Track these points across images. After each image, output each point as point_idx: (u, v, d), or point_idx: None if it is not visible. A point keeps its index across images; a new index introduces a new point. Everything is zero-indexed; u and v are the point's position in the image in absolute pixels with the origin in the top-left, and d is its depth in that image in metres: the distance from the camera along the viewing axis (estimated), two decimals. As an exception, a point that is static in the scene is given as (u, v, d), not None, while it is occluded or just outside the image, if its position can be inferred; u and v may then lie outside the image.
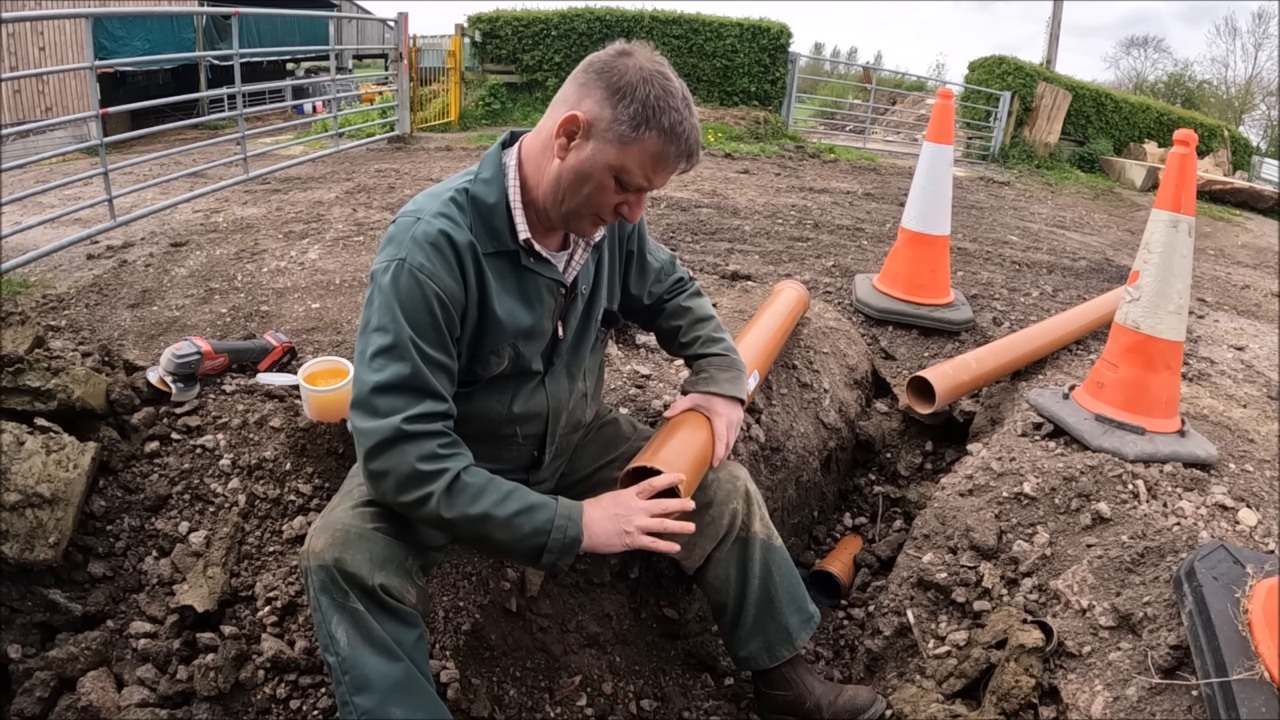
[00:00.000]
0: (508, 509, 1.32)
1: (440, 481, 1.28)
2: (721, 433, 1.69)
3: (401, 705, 1.31)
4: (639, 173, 1.31)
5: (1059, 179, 10.72)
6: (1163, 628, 1.55)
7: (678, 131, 1.29)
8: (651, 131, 1.28)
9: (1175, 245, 2.20)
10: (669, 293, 1.83)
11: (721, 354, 1.78)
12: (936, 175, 3.49)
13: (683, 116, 1.29)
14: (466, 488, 1.30)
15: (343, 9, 17.36)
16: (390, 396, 1.29)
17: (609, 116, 1.28)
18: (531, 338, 1.48)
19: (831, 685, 1.78)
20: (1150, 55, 41.85)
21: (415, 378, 1.30)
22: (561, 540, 1.35)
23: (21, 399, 1.72)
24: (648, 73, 1.28)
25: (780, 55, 11.10)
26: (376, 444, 1.28)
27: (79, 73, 9.66)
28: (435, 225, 1.33)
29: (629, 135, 1.28)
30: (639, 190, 1.36)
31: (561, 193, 1.35)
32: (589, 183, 1.32)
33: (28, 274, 3.28)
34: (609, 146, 1.29)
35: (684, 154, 1.32)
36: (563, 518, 1.36)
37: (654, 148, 1.29)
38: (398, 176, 5.64)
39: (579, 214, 1.38)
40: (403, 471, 1.28)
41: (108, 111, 4.04)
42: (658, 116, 1.27)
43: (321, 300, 2.95)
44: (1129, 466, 2.07)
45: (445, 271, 1.33)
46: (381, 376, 1.29)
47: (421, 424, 1.29)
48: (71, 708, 1.50)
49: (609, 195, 1.34)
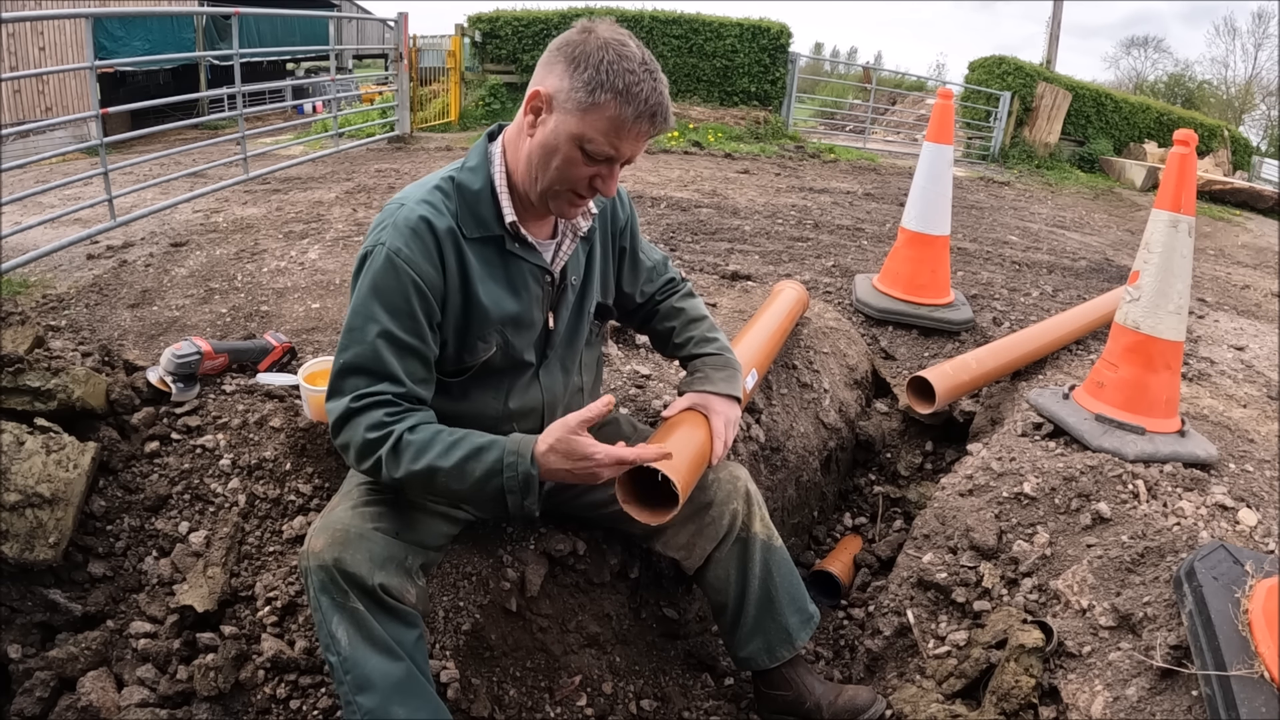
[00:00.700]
0: (453, 458, 1.32)
1: (386, 445, 1.32)
2: (720, 431, 1.67)
3: (404, 705, 1.31)
4: (602, 140, 1.31)
5: (1059, 179, 10.71)
6: (1163, 628, 1.55)
7: (634, 92, 1.29)
8: (606, 94, 1.28)
9: (1175, 245, 2.20)
10: (661, 293, 1.82)
11: (716, 353, 1.77)
12: (936, 175, 3.49)
13: (639, 79, 1.29)
14: (409, 445, 1.33)
15: (343, 9, 17.35)
16: (352, 377, 1.35)
17: (567, 86, 1.30)
18: (520, 326, 1.49)
19: (831, 685, 1.78)
20: (1150, 55, 41.86)
21: (374, 361, 1.34)
22: (515, 477, 1.33)
23: (21, 399, 1.72)
24: (604, 40, 1.30)
25: (780, 55, 11.10)
26: (335, 421, 1.36)
27: (79, 73, 9.65)
28: (416, 211, 1.36)
29: (585, 101, 1.29)
30: (607, 160, 1.35)
31: (534, 170, 1.37)
32: (556, 155, 1.33)
33: (28, 274, 3.28)
34: (569, 116, 1.31)
35: (644, 115, 1.31)
36: (510, 454, 1.34)
37: (612, 111, 1.29)
38: (398, 176, 5.64)
39: (555, 191, 1.38)
40: (357, 442, 1.33)
41: (108, 111, 4.03)
42: (612, 79, 1.28)
43: (321, 300, 2.95)
44: (1129, 466, 2.07)
45: (423, 257, 1.35)
46: (345, 358, 1.36)
47: (369, 398, 1.34)
48: (71, 708, 1.50)
49: (578, 167, 1.34)
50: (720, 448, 1.67)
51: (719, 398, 1.70)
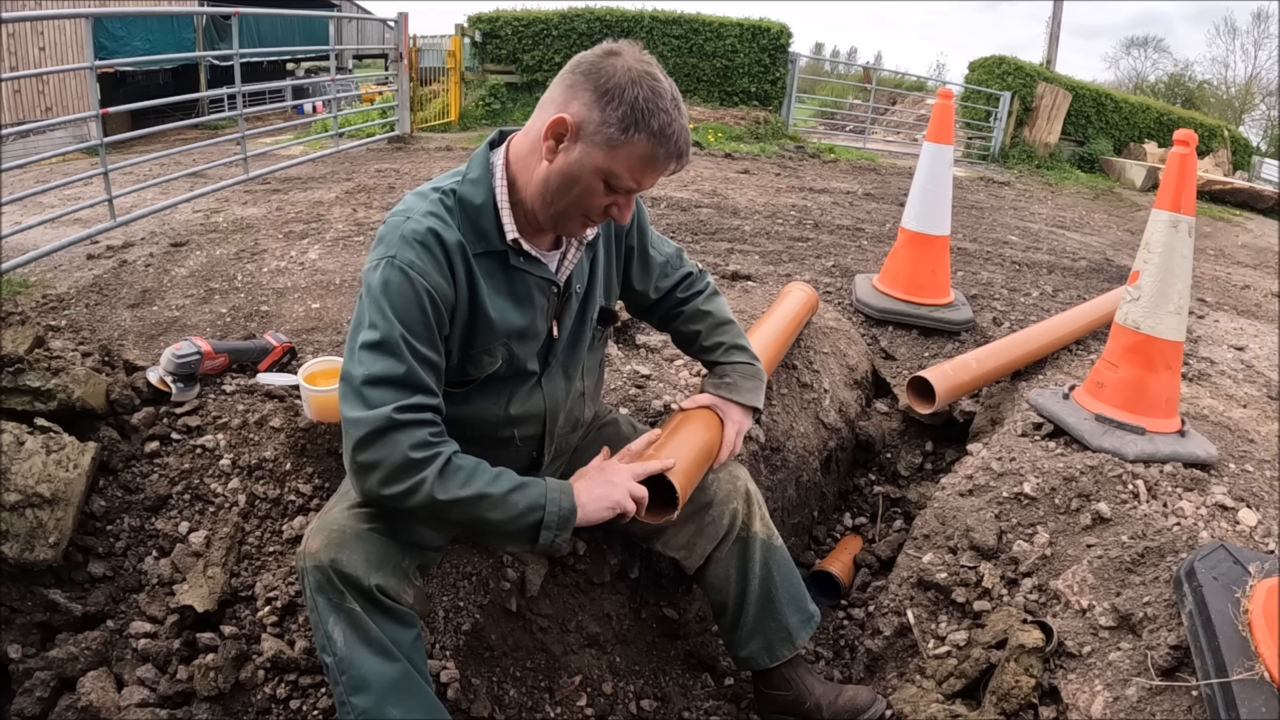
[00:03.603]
0: (501, 486, 1.32)
1: (433, 466, 1.27)
2: (730, 439, 1.70)
3: (399, 705, 1.30)
4: (628, 175, 1.31)
5: (1059, 179, 10.71)
6: (1163, 628, 1.55)
7: (667, 134, 1.28)
8: (640, 134, 1.27)
9: (1175, 245, 2.20)
10: (682, 290, 1.80)
11: (747, 363, 1.78)
12: (936, 175, 3.48)
13: (672, 118, 1.28)
14: (460, 470, 1.30)
15: (343, 9, 17.35)
16: (381, 389, 1.27)
17: (597, 119, 1.27)
18: (525, 338, 1.48)
19: (831, 685, 1.78)
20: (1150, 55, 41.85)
21: (407, 375, 1.29)
22: (558, 514, 1.34)
23: (21, 399, 1.72)
24: (636, 74, 1.27)
25: (780, 55, 11.10)
26: (367, 434, 1.25)
27: (79, 73, 9.64)
28: (424, 224, 1.34)
29: (618, 138, 1.27)
30: (628, 192, 1.35)
31: (550, 195, 1.35)
32: (577, 185, 1.32)
33: (28, 274, 3.28)
34: (597, 150, 1.28)
35: (673, 155, 1.31)
36: (555, 491, 1.36)
37: (643, 150, 1.28)
38: (398, 176, 5.64)
39: (568, 215, 1.37)
40: (394, 461, 1.25)
41: (108, 111, 4.03)
42: (647, 119, 1.26)
43: (321, 300, 2.95)
44: (1129, 466, 2.07)
45: (434, 269, 1.33)
46: (372, 370, 1.27)
47: (413, 414, 1.28)
48: (71, 708, 1.50)
49: (598, 198, 1.34)
50: (726, 455, 1.70)
51: (739, 407, 1.72)
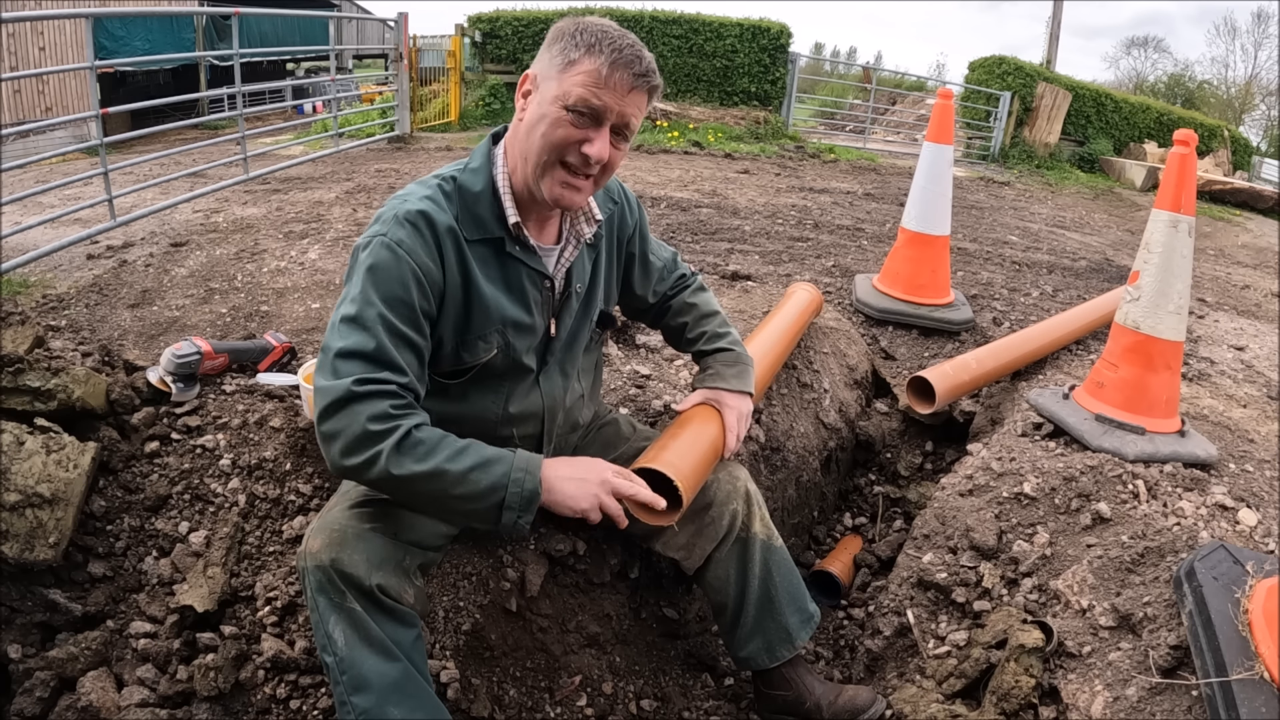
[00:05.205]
0: (462, 464, 1.29)
1: (391, 439, 1.25)
2: (732, 425, 1.71)
3: (399, 705, 1.30)
4: (582, 90, 1.31)
5: (1059, 179, 10.71)
6: (1163, 628, 1.55)
7: (605, 43, 1.31)
8: (579, 50, 1.32)
9: (1175, 245, 2.20)
10: (673, 289, 1.84)
11: (728, 348, 1.80)
12: (936, 175, 3.48)
13: (612, 36, 1.32)
14: (419, 443, 1.27)
15: (343, 9, 17.35)
16: (350, 361, 1.28)
17: (546, 59, 1.35)
18: (521, 330, 1.49)
19: (831, 685, 1.78)
20: (1150, 55, 41.86)
21: (377, 350, 1.29)
22: (520, 494, 1.31)
23: (21, 399, 1.72)
24: (588, 21, 1.35)
25: (780, 55, 11.10)
26: (329, 403, 1.26)
27: (79, 73, 9.65)
28: (417, 206, 1.36)
29: (561, 62, 1.33)
30: (593, 117, 1.33)
31: (526, 148, 1.38)
32: (543, 121, 1.34)
33: (28, 274, 3.28)
34: (551, 82, 1.34)
35: (620, 63, 1.31)
36: (519, 470, 1.33)
37: (587, 65, 1.31)
38: (398, 176, 5.64)
39: (548, 164, 1.36)
40: (353, 432, 1.24)
41: (108, 111, 4.04)
42: (585, 39, 1.32)
43: (321, 300, 2.95)
44: (1129, 466, 2.07)
45: (422, 249, 1.35)
46: (345, 342, 1.29)
47: (374, 385, 1.27)
48: (71, 708, 1.50)
49: (564, 128, 1.33)
50: (733, 441, 1.70)
51: (731, 393, 1.74)
